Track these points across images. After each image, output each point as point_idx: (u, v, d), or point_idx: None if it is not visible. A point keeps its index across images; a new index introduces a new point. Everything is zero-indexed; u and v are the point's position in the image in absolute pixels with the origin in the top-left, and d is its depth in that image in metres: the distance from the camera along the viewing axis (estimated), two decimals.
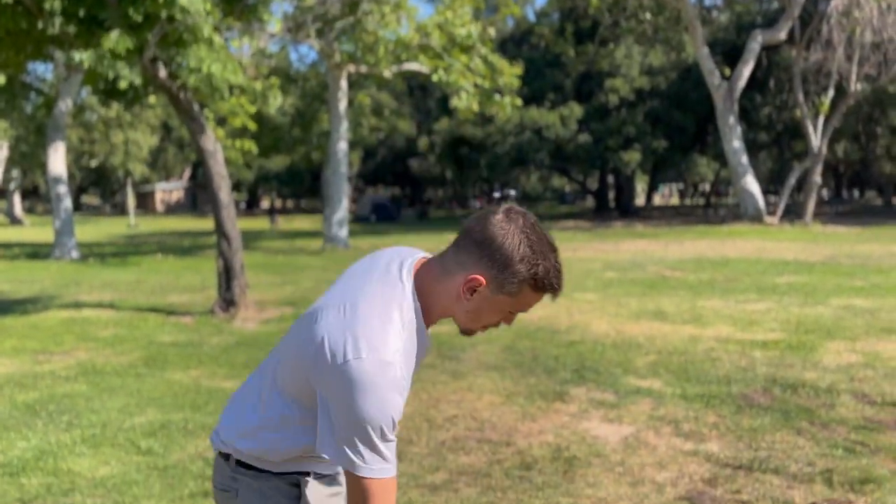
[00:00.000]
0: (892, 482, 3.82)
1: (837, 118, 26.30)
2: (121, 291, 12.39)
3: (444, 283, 1.56)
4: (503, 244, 1.51)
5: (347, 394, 1.44)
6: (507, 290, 1.53)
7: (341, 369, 1.45)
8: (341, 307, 1.54)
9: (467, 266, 1.53)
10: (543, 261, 1.53)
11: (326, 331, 1.51)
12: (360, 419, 1.44)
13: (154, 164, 58.76)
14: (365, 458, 1.46)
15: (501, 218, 1.54)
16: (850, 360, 6.31)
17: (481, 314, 1.58)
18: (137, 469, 4.27)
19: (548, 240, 1.57)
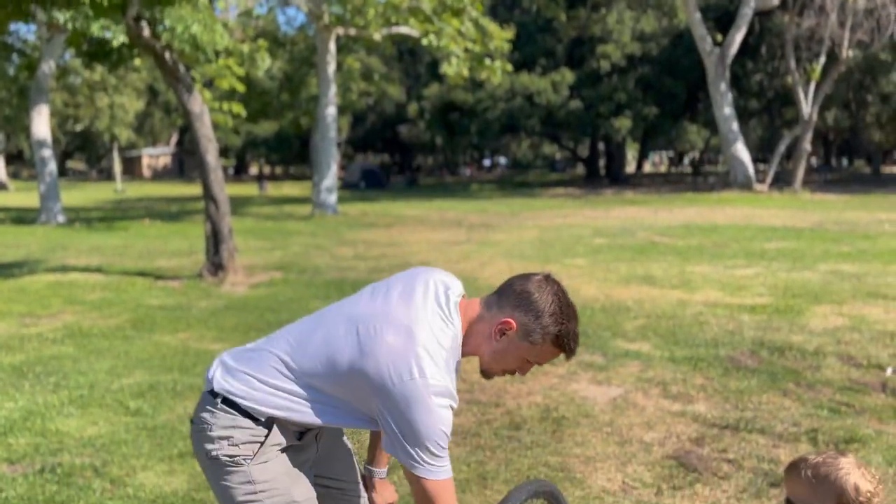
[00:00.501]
0: (876, 441, 3.87)
1: (829, 85, 26.24)
2: (108, 256, 12.31)
3: (481, 323, 1.82)
4: (539, 299, 1.78)
5: (408, 410, 1.68)
6: (532, 338, 1.78)
7: (402, 388, 1.68)
8: (399, 330, 1.74)
9: (504, 311, 1.79)
10: (568, 323, 1.79)
11: (389, 352, 1.71)
12: (421, 432, 1.68)
13: (140, 128, 58.10)
14: (426, 463, 1.70)
15: (541, 279, 1.82)
16: (836, 324, 6.36)
17: (505, 357, 1.82)
18: (126, 429, 4.26)
19: (574, 309, 1.82)
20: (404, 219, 19.11)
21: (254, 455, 1.81)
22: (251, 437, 1.81)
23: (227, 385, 1.85)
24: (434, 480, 1.71)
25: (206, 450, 1.83)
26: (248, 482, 1.80)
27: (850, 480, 1.65)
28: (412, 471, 1.71)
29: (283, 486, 1.83)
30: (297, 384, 1.82)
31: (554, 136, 43.38)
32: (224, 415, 1.82)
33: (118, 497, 3.42)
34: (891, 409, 4.36)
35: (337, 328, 1.82)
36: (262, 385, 1.82)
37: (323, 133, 21.11)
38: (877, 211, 17.76)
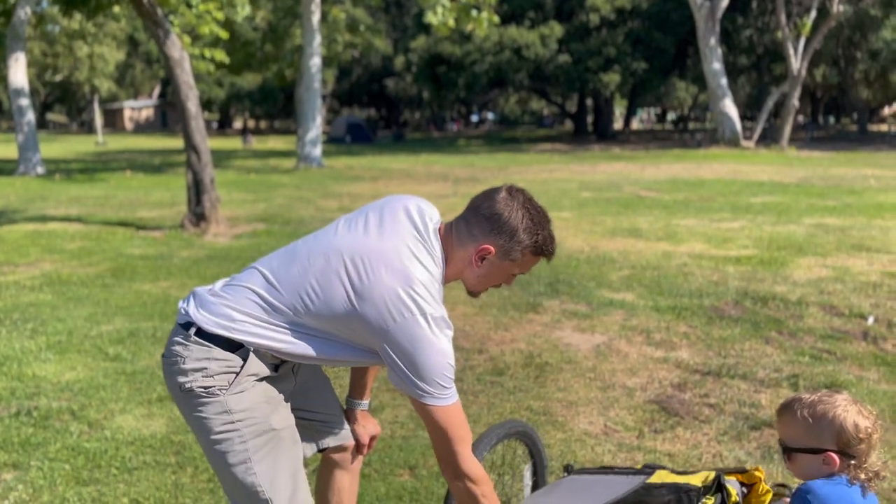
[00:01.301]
0: (856, 387, 3.89)
1: (818, 40, 26.02)
2: (88, 206, 12.12)
3: (460, 252, 1.82)
4: (509, 218, 1.78)
5: (412, 347, 1.68)
6: (512, 256, 1.81)
7: (404, 326, 1.68)
8: (392, 270, 1.71)
9: (478, 238, 1.80)
10: (542, 231, 1.81)
11: (386, 292, 1.69)
12: (428, 366, 1.69)
13: (122, 80, 56.99)
14: (435, 393, 1.71)
15: (505, 196, 1.81)
16: (820, 275, 6.38)
17: (489, 278, 1.85)
18: (105, 374, 4.21)
19: (544, 213, 1.84)
20: (390, 172, 18.94)
21: (229, 385, 1.75)
22: (226, 367, 1.76)
23: (200, 316, 1.79)
24: (444, 407, 1.73)
25: (178, 383, 1.77)
26: (224, 412, 1.75)
27: (850, 417, 1.59)
28: (422, 401, 1.72)
29: (260, 413, 1.78)
30: (280, 318, 1.77)
31: (542, 91, 42.96)
32: (197, 347, 1.77)
33: (95, 439, 3.38)
34: (871, 356, 4.38)
35: (316, 261, 1.77)
36: (242, 315, 1.78)
37: (307, 84, 20.76)
38: (862, 167, 17.78)
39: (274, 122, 67.99)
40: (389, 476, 3.03)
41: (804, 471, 1.66)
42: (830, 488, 1.58)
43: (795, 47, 25.96)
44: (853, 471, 1.60)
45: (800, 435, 1.64)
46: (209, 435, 1.77)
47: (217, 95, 52.08)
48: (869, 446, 1.61)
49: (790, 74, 26.12)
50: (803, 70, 26.03)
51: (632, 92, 41.49)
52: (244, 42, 27.93)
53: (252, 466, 1.76)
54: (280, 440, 1.80)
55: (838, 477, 1.60)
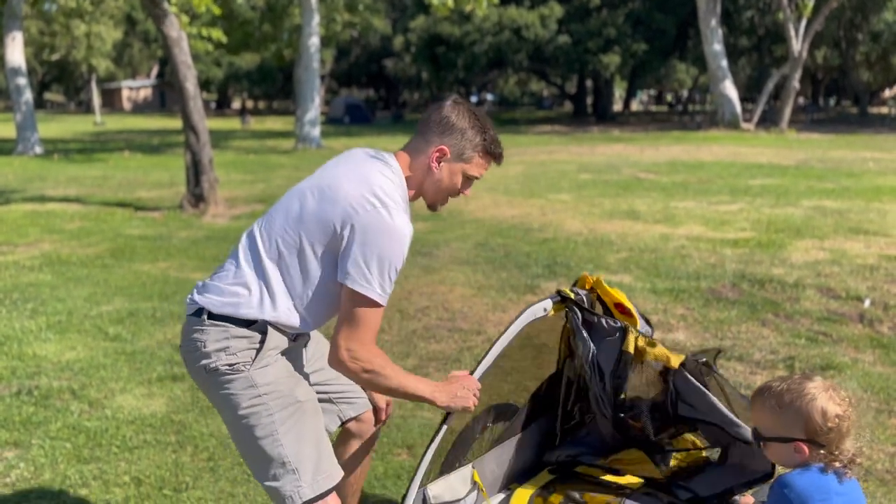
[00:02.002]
0: (852, 369, 3.92)
1: (820, 21, 25.86)
2: (87, 187, 12.10)
3: (418, 160, 1.96)
4: (457, 120, 1.96)
5: (371, 235, 1.78)
6: (465, 156, 1.97)
7: (366, 217, 1.79)
8: (353, 179, 1.86)
9: (433, 142, 1.96)
10: (488, 131, 1.99)
11: (350, 193, 1.83)
12: (379, 255, 1.78)
13: (119, 59, 56.61)
14: (373, 282, 1.79)
15: (451, 104, 1.99)
16: (817, 258, 6.39)
17: (447, 183, 1.98)
18: (105, 354, 4.24)
19: (489, 120, 2.01)
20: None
21: (253, 361, 1.82)
22: (248, 344, 1.82)
23: (206, 300, 1.85)
24: (373, 301, 1.79)
25: (202, 366, 1.83)
26: (250, 387, 1.82)
27: (817, 405, 1.56)
28: (358, 288, 1.78)
29: (285, 387, 1.85)
30: (272, 273, 1.85)
31: (541, 72, 42.71)
32: (214, 329, 1.83)
33: (96, 418, 3.41)
34: (867, 339, 4.41)
35: (292, 205, 1.90)
36: (241, 288, 1.84)
37: (306, 64, 20.64)
38: (862, 150, 17.75)
39: (272, 102, 67.65)
40: (388, 455, 3.06)
41: (778, 458, 1.65)
42: (806, 479, 1.56)
43: (796, 29, 25.81)
44: (825, 458, 1.57)
45: (769, 423, 1.63)
46: (236, 411, 1.82)
47: (215, 75, 51.80)
48: (839, 434, 1.57)
49: (791, 56, 25.99)
50: (804, 52, 25.90)
51: (632, 73, 41.27)
52: (242, 21, 27.74)
53: (279, 438, 1.81)
54: (304, 412, 1.87)
55: (813, 466, 1.58)
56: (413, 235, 1.87)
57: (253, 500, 2.76)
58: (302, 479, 1.82)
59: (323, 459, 1.87)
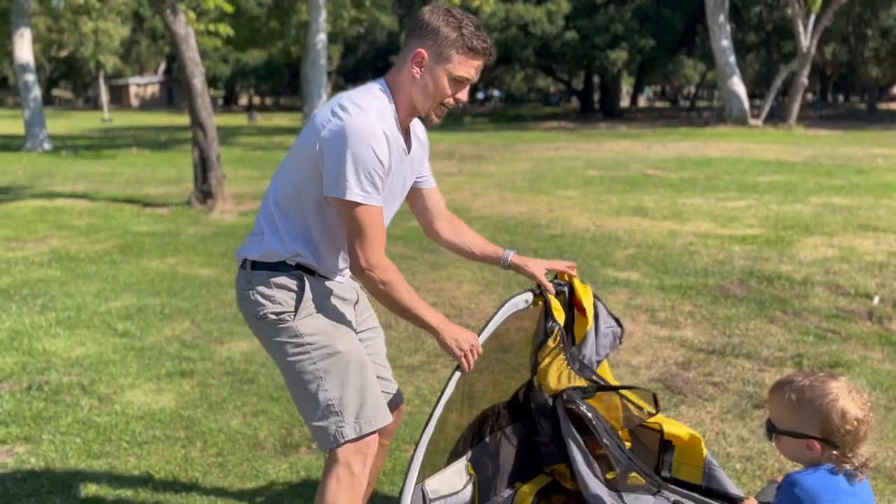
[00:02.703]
0: (860, 366, 3.91)
1: (828, 17, 25.71)
2: (95, 183, 12.15)
3: (402, 72, 1.94)
4: (430, 21, 1.91)
5: (337, 143, 1.82)
6: (445, 54, 1.90)
7: (331, 127, 1.84)
8: (326, 106, 1.92)
9: (411, 49, 1.93)
10: (466, 26, 1.90)
11: (319, 114, 1.91)
12: (351, 159, 1.81)
13: (127, 56, 56.74)
14: (352, 186, 1.82)
15: (427, 8, 1.96)
16: (826, 254, 6.37)
17: (435, 89, 1.93)
18: (114, 350, 4.26)
19: (469, 17, 1.92)
20: None
21: (295, 310, 1.95)
22: (290, 292, 1.96)
23: (244, 252, 2.02)
24: (365, 206, 1.85)
25: (254, 312, 1.98)
26: (295, 336, 1.95)
27: (838, 406, 1.52)
28: (339, 195, 1.84)
29: (327, 338, 1.96)
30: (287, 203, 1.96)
31: (548, 69, 42.61)
32: (257, 277, 1.98)
33: (106, 414, 3.43)
34: (876, 336, 4.39)
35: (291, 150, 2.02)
36: (265, 234, 1.98)
37: (313, 60, 20.66)
38: (871, 146, 17.66)
39: (279, 98, 67.73)
40: (395, 451, 3.07)
41: (788, 452, 1.63)
42: (816, 478, 1.54)
43: (805, 24, 25.66)
44: (837, 460, 1.54)
45: (786, 417, 1.60)
46: (286, 357, 1.97)
47: (222, 72, 51.89)
48: (856, 438, 1.53)
49: (799, 52, 25.85)
50: (813, 47, 25.76)
51: (639, 69, 41.15)
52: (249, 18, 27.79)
53: (323, 384, 1.95)
54: (347, 361, 1.97)
55: (823, 465, 1.56)
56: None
57: (261, 495, 2.78)
58: (345, 421, 1.95)
59: (366, 406, 1.98)
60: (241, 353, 4.23)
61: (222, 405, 3.53)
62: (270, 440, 3.18)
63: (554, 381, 2.07)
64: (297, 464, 2.99)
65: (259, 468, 2.96)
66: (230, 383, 3.78)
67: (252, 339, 4.48)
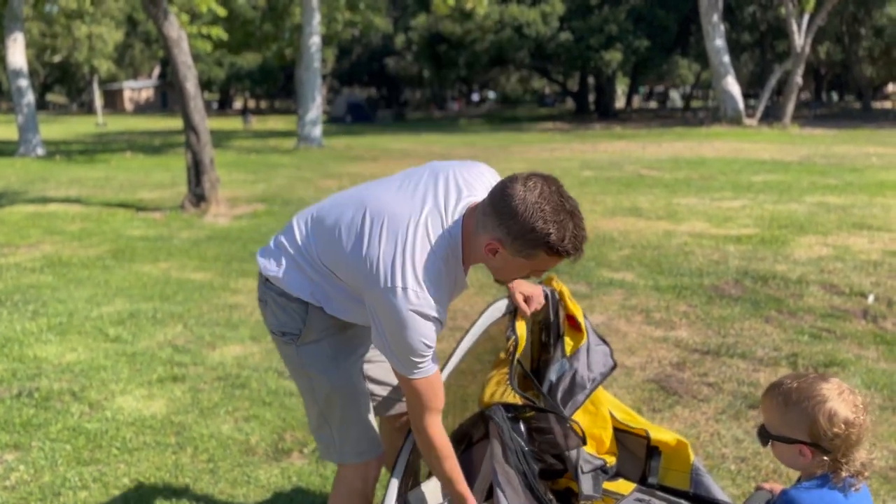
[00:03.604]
0: (855, 365, 3.89)
1: (822, 17, 25.77)
2: (88, 188, 12.11)
3: (476, 239, 1.73)
4: (517, 214, 1.61)
5: (389, 316, 1.70)
6: (523, 254, 1.67)
7: (383, 294, 1.70)
8: (394, 234, 1.73)
9: (489, 230, 1.68)
10: (557, 230, 1.62)
11: (379, 256, 1.73)
12: (400, 340, 1.71)
13: (121, 60, 56.63)
14: (408, 364, 1.74)
15: (520, 188, 1.63)
16: (820, 254, 6.36)
17: (507, 271, 1.76)
18: (105, 355, 4.23)
19: (567, 207, 1.64)
20: (391, 152, 18.88)
21: (299, 335, 1.96)
22: (295, 316, 1.95)
23: (261, 262, 2.00)
24: (417, 379, 1.76)
25: (268, 324, 2.03)
26: (298, 358, 1.99)
27: (825, 408, 1.44)
28: (401, 372, 1.77)
29: (325, 371, 1.98)
30: (314, 264, 1.90)
31: (543, 70, 42.64)
32: (270, 292, 1.98)
33: (96, 420, 3.40)
34: (871, 335, 4.38)
35: (347, 211, 1.86)
36: (290, 267, 1.94)
37: (307, 63, 20.63)
38: (865, 145, 17.69)
39: (274, 102, 67.67)
40: None
41: (783, 458, 1.55)
42: (813, 496, 1.46)
43: (799, 24, 25.71)
44: (831, 467, 1.46)
45: (776, 422, 1.52)
46: (292, 370, 2.04)
47: (217, 75, 51.81)
48: (847, 442, 1.45)
49: (793, 51, 25.90)
50: (807, 47, 25.81)
51: (634, 70, 41.18)
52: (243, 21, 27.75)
53: (321, 409, 2.02)
54: (341, 397, 2.00)
55: (820, 476, 1.48)
56: None
57: (252, 501, 2.75)
58: (344, 448, 2.02)
59: (359, 440, 2.02)
60: (234, 357, 4.21)
61: (214, 410, 3.50)
62: (262, 445, 3.16)
63: (488, 394, 2.02)
64: (288, 469, 2.96)
65: (250, 474, 2.93)
66: (222, 388, 3.76)
67: (244, 343, 4.45)
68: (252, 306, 5.19)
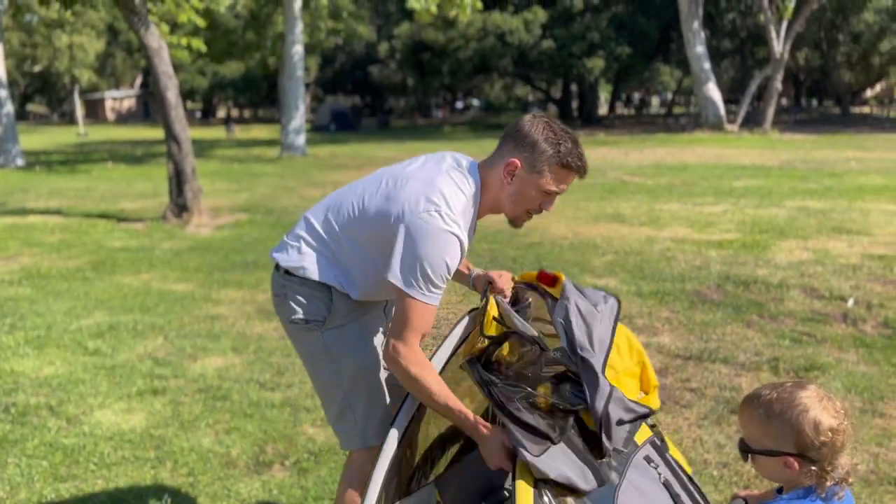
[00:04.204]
0: (836, 369, 3.92)
1: (800, 23, 26.06)
2: (69, 198, 12.00)
3: (493, 174, 1.95)
4: (530, 131, 1.91)
5: (417, 239, 1.81)
6: (538, 167, 1.90)
7: (414, 219, 1.82)
8: (421, 179, 1.90)
9: (505, 155, 1.94)
10: (564, 143, 1.90)
11: (410, 194, 1.87)
12: (425, 260, 1.81)
13: (102, 70, 56.29)
14: (418, 284, 1.82)
15: (529, 117, 1.95)
16: (801, 258, 6.41)
17: (523, 196, 1.94)
18: (84, 369, 4.17)
19: (568, 133, 1.93)
20: (375, 160, 18.86)
21: (325, 320, 2.01)
22: (320, 303, 2.01)
23: (279, 257, 2.05)
24: (423, 304, 1.84)
25: (287, 316, 2.05)
26: (323, 345, 2.04)
27: (809, 417, 1.41)
28: (406, 290, 1.83)
29: (350, 353, 2.04)
30: (338, 241, 1.98)
31: (526, 77, 42.81)
32: (290, 282, 2.02)
33: (74, 435, 3.35)
34: (851, 338, 4.41)
35: (366, 188, 2.00)
36: (312, 255, 2.00)
37: (290, 72, 20.59)
38: (844, 150, 17.88)
39: (258, 110, 67.44)
40: None
41: (767, 472, 1.51)
42: None
43: (778, 30, 25.99)
44: (817, 476, 1.44)
45: (758, 435, 1.48)
46: (312, 361, 2.08)
47: (200, 84, 51.58)
48: (833, 449, 1.43)
49: (773, 58, 26.16)
50: (786, 53, 26.08)
51: (616, 77, 41.45)
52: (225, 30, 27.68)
53: (341, 393, 2.06)
54: (365, 379, 2.06)
55: (804, 489, 1.46)
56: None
57: None
58: (357, 430, 2.07)
59: (377, 422, 2.08)
60: (215, 369, 4.17)
61: (194, 423, 3.46)
62: (243, 458, 3.13)
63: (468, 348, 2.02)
64: (269, 482, 2.93)
65: (231, 487, 2.90)
66: (203, 401, 3.72)
67: (226, 354, 4.42)
68: (234, 317, 5.15)
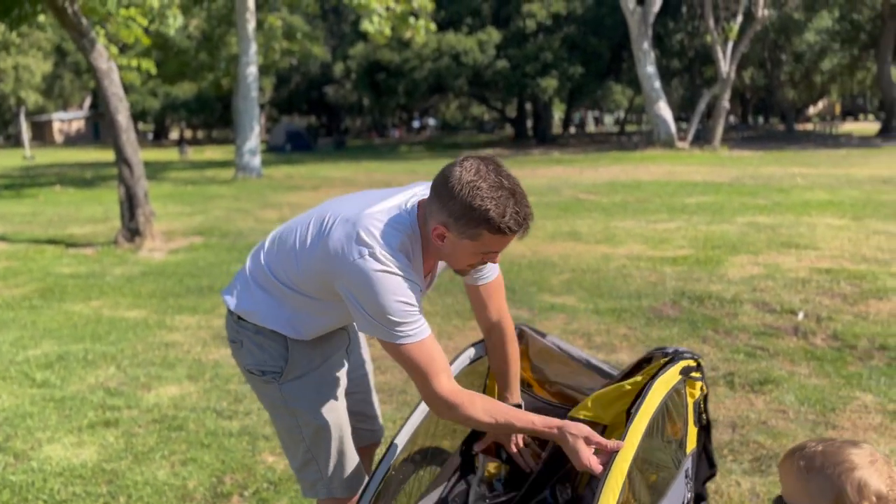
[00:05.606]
0: (789, 382, 4.00)
1: (745, 43, 26.87)
2: (14, 224, 11.67)
3: (426, 229, 1.75)
4: (457, 195, 1.63)
5: (363, 288, 1.67)
6: (467, 235, 1.67)
7: (351, 268, 1.67)
8: (348, 220, 1.74)
9: (433, 216, 1.70)
10: (496, 206, 1.62)
11: (337, 239, 1.72)
12: (380, 306, 1.66)
13: (50, 91, 55.08)
14: (393, 330, 1.68)
15: (458, 170, 1.66)
16: (752, 273, 6.55)
17: (458, 256, 1.74)
18: (32, 401, 4.04)
19: (505, 184, 1.64)
20: (331, 181, 18.78)
21: (282, 372, 1.92)
22: (273, 352, 1.92)
23: (229, 301, 1.96)
24: (411, 344, 1.70)
25: (243, 364, 1.98)
26: (280, 397, 1.95)
27: (855, 476, 1.27)
28: (388, 341, 1.71)
29: (310, 407, 1.95)
30: (283, 284, 1.87)
31: (482, 97, 43.25)
32: (244, 329, 1.93)
33: (21, 471, 3.23)
34: (802, 351, 4.52)
35: (303, 224, 1.87)
36: (263, 299, 1.90)
37: (244, 93, 20.44)
38: (790, 165, 18.42)
39: (212, 131, 66.67)
40: None
41: None
42: None
43: (724, 51, 26.75)
44: None
45: (794, 490, 1.35)
46: (272, 411, 2.00)
47: (151, 106, 50.85)
48: None
49: (720, 77, 26.89)
50: (732, 72, 26.84)
51: (569, 96, 42.12)
52: (178, 51, 27.43)
53: (305, 445, 1.98)
54: (328, 432, 1.98)
55: None
56: None
57: None
58: (321, 482, 2.00)
59: (343, 475, 2.02)
60: (170, 398, 4.07)
61: (149, 455, 3.37)
62: (200, 490, 3.05)
63: None
64: None
65: None
66: (157, 431, 3.62)
67: (181, 383, 4.32)
68: (189, 344, 5.05)
